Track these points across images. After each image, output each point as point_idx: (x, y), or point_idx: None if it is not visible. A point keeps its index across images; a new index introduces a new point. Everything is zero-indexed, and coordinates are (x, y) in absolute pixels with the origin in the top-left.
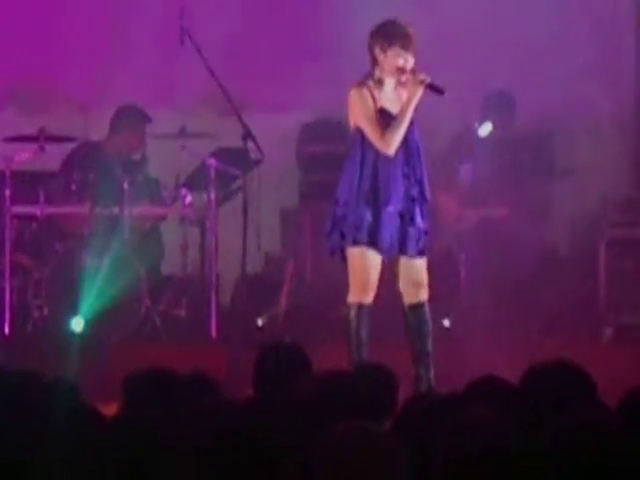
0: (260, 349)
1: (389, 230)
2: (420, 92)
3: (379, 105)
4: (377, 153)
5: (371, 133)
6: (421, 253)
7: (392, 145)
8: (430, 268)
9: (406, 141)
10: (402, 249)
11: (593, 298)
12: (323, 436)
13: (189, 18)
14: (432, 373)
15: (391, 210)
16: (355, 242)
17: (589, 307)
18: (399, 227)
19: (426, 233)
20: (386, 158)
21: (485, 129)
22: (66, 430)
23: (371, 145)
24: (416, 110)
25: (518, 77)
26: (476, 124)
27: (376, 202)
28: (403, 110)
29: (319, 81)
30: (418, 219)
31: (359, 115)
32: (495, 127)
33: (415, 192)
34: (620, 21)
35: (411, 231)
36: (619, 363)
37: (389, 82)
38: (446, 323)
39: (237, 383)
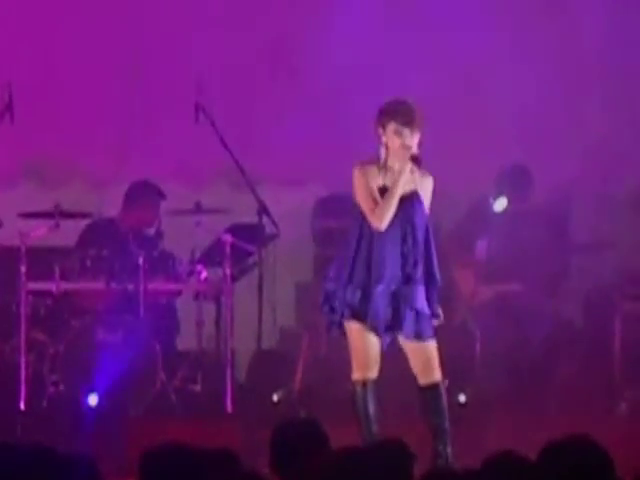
0: (276, 425)
1: (379, 309)
2: (408, 166)
3: (382, 184)
4: (372, 232)
5: (364, 209)
6: (419, 336)
7: (381, 219)
8: (445, 343)
9: (405, 219)
10: (396, 329)
11: (608, 372)
12: None
13: (204, 94)
14: (450, 449)
15: (381, 289)
16: (343, 316)
17: (604, 381)
18: (391, 307)
19: (434, 316)
20: (382, 236)
21: (500, 204)
22: None
23: (368, 222)
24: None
25: (534, 150)
26: (491, 199)
27: (368, 280)
28: (392, 184)
29: (333, 156)
30: (418, 301)
31: (356, 191)
32: (510, 201)
33: (416, 273)
34: (634, 94)
35: (407, 312)
36: (635, 438)
37: (392, 161)
38: (462, 399)
39: (252, 458)
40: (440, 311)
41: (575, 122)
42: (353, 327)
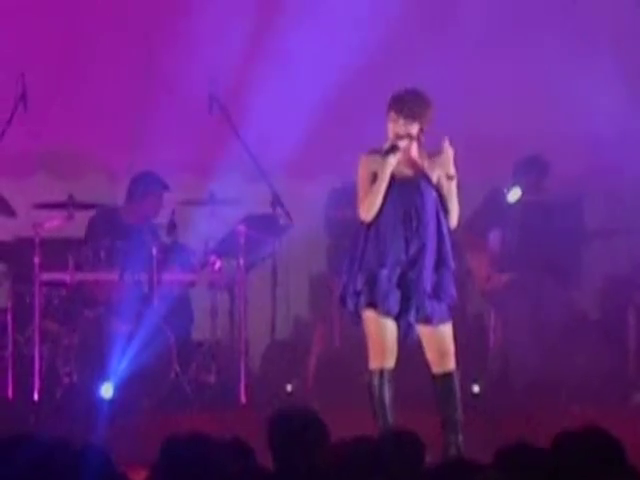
0: (271, 418)
1: (388, 292)
2: (393, 159)
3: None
4: (378, 219)
5: (359, 198)
6: (428, 320)
7: (366, 211)
8: (459, 333)
9: (407, 204)
10: (407, 313)
11: (622, 362)
12: None
13: (218, 85)
14: (461, 439)
15: (386, 273)
16: (356, 307)
17: (618, 371)
18: (398, 291)
19: (446, 299)
20: (384, 223)
21: (514, 195)
22: None
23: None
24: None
25: (549, 140)
26: (505, 190)
27: (374, 265)
28: (379, 176)
29: (347, 146)
30: (425, 285)
31: (358, 180)
32: (525, 191)
33: (423, 256)
34: None
35: (413, 296)
36: None
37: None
38: (475, 389)
39: (266, 449)
40: (454, 292)
41: (587, 112)
42: (369, 316)
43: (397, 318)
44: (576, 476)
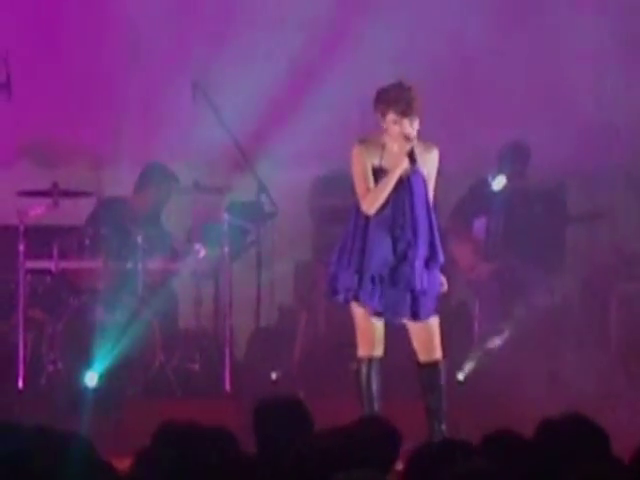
0: (256, 406)
1: (372, 293)
2: (405, 162)
3: (378, 164)
4: (368, 215)
5: (358, 190)
6: (416, 316)
7: (370, 205)
8: (444, 321)
9: (399, 201)
10: (394, 311)
11: (605, 350)
12: None
13: (202, 73)
14: (444, 426)
15: (370, 276)
16: (346, 301)
17: (601, 359)
18: (386, 288)
19: (431, 295)
20: (374, 220)
21: (499, 183)
22: None
23: None
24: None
25: (533, 127)
26: (490, 177)
27: (361, 264)
28: (388, 175)
29: (332, 134)
30: (415, 281)
31: (353, 171)
32: (510, 178)
33: (414, 252)
34: (630, 70)
35: (403, 293)
36: (631, 417)
37: (392, 144)
38: (460, 377)
39: (251, 437)
40: (440, 285)
41: (570, 100)
42: (357, 309)
43: (384, 313)
44: (560, 463)
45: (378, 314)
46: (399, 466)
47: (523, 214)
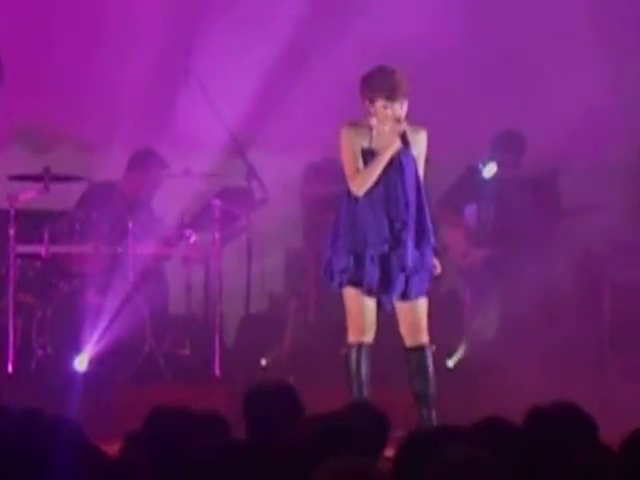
0: (247, 392)
1: (371, 273)
2: (397, 142)
3: (367, 146)
4: (362, 197)
5: (347, 171)
6: (406, 297)
7: (359, 186)
8: (434, 308)
9: (391, 182)
10: (388, 291)
11: (597, 337)
12: (320, 470)
13: (194, 58)
14: (434, 414)
15: (371, 253)
16: (341, 285)
17: (593, 346)
18: (383, 270)
19: (423, 275)
20: (366, 201)
21: (489, 170)
22: (69, 469)
23: None
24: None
25: (526, 116)
26: (480, 164)
27: (358, 245)
28: (379, 156)
29: (324, 121)
30: (408, 262)
31: (342, 152)
32: (501, 166)
33: (406, 234)
34: (627, 61)
35: (396, 274)
36: (622, 403)
37: (381, 126)
38: (450, 364)
39: (241, 422)
40: (432, 266)
41: (566, 89)
42: (350, 293)
43: (377, 294)
44: (547, 450)
45: (372, 294)
46: (389, 452)
47: (514, 201)
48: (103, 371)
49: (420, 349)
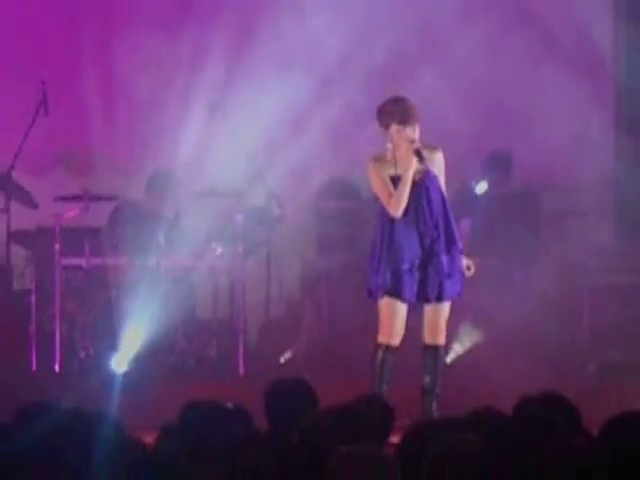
0: (268, 387)
1: (409, 284)
2: (414, 160)
3: (393, 173)
4: (393, 218)
5: (382, 199)
6: (439, 299)
7: (397, 207)
8: None
9: (417, 202)
10: (424, 298)
11: (578, 337)
12: (332, 457)
13: (219, 94)
14: (435, 406)
15: (406, 267)
16: (375, 297)
17: (575, 345)
18: (418, 279)
19: (456, 276)
20: (399, 221)
21: (481, 187)
22: (110, 458)
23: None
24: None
25: (514, 139)
26: (473, 182)
27: (394, 262)
28: (403, 176)
29: (333, 148)
30: (443, 268)
31: (373, 184)
32: (492, 184)
33: (438, 245)
34: (600, 99)
35: (432, 281)
36: (601, 395)
37: (399, 152)
38: (447, 360)
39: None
40: (471, 263)
41: (552, 118)
42: (385, 301)
43: (417, 299)
44: (535, 435)
45: (411, 302)
46: (394, 439)
47: (502, 216)
48: (139, 370)
49: (436, 348)
